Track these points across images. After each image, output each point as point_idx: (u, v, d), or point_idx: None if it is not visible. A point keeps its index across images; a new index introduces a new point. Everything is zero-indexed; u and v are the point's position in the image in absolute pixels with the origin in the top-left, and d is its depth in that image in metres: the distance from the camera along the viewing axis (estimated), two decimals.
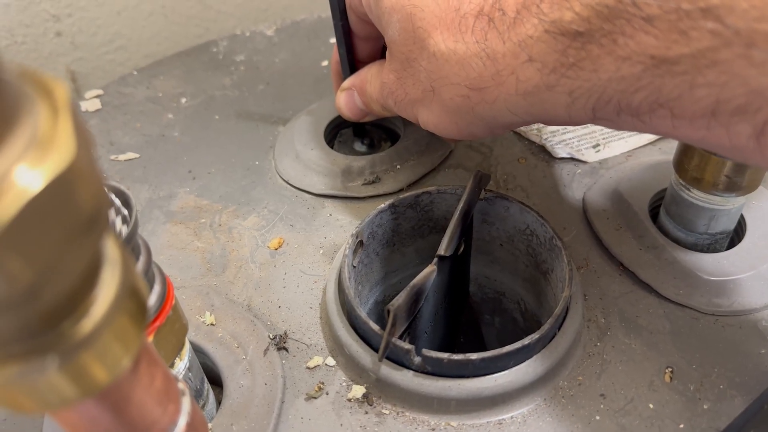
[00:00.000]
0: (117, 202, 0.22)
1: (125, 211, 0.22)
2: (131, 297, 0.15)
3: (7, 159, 0.11)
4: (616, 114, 0.25)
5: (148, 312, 0.17)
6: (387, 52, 0.34)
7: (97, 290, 0.14)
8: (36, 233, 0.11)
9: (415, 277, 0.31)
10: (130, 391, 0.17)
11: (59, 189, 0.11)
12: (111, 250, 0.14)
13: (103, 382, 0.15)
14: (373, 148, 0.46)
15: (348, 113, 0.40)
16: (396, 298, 0.29)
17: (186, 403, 0.20)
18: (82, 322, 0.14)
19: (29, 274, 0.11)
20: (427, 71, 0.30)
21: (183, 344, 0.26)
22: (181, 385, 0.20)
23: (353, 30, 0.39)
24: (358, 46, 0.40)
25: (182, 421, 0.20)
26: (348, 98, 0.39)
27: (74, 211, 0.12)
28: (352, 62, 0.40)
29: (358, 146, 0.46)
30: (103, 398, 0.16)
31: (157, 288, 0.23)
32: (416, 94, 0.32)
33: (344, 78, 0.40)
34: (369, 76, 0.37)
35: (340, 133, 0.48)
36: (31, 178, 0.11)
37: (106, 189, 0.13)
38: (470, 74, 0.28)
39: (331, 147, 0.45)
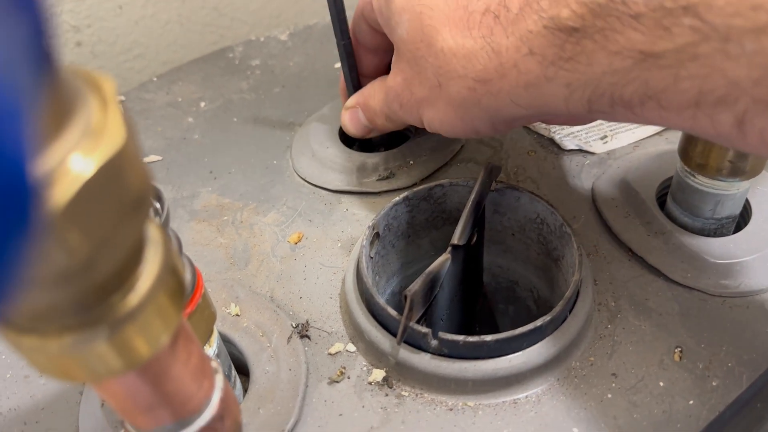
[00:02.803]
0: None
1: (157, 205, 0.23)
2: (171, 275, 0.17)
3: (63, 148, 0.13)
4: (610, 106, 0.26)
5: (185, 291, 0.18)
6: (393, 57, 0.36)
7: (142, 267, 0.15)
8: (92, 211, 0.13)
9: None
10: (168, 366, 0.19)
11: (111, 172, 0.13)
12: (153, 232, 0.16)
13: (145, 355, 0.17)
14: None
15: (353, 130, 0.42)
16: (413, 284, 0.31)
17: (219, 380, 0.22)
18: (129, 296, 0.15)
19: (87, 246, 0.13)
20: (434, 67, 0.32)
21: (212, 331, 0.28)
22: (214, 364, 0.22)
23: (363, 41, 0.40)
24: (364, 60, 0.41)
25: (216, 396, 0.21)
26: (352, 116, 0.41)
27: (124, 192, 0.13)
28: (355, 81, 0.42)
29: None
30: (144, 371, 0.18)
31: (187, 276, 0.25)
32: (422, 92, 0.34)
33: (348, 96, 0.42)
34: (372, 91, 0.39)
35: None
36: (84, 164, 0.13)
37: (149, 172, 0.14)
38: (476, 66, 0.29)
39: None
